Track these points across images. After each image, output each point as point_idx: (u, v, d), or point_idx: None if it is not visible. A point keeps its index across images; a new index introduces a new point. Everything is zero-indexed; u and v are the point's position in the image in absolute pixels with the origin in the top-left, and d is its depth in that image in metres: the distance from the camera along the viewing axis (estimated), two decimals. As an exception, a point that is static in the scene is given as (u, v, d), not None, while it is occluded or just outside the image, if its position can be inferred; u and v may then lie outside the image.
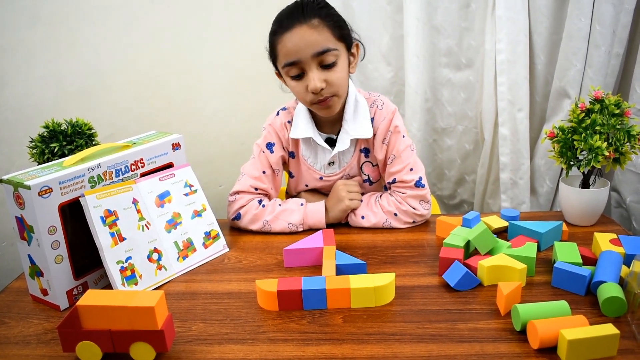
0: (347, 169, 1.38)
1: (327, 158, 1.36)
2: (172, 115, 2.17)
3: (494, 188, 2.11)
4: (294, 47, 1.18)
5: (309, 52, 1.18)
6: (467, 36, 2.00)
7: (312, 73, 1.20)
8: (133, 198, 1.12)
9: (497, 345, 0.86)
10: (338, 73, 1.22)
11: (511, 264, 1.02)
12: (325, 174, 1.38)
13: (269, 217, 1.32)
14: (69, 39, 1.97)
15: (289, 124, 1.37)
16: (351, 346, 0.88)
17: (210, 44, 2.12)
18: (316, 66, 1.20)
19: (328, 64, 1.20)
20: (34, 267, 1.04)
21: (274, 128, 1.37)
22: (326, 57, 1.19)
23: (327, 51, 1.19)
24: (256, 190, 1.34)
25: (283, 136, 1.37)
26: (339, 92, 1.25)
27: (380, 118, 1.33)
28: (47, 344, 0.93)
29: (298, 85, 1.23)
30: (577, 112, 1.23)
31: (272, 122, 1.39)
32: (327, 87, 1.22)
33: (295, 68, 1.21)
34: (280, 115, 1.39)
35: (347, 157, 1.37)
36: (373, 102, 1.35)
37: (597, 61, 1.74)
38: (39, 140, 1.30)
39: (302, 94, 1.25)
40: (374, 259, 1.18)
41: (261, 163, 1.36)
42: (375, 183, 1.41)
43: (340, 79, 1.23)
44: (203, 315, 1.00)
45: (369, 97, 1.36)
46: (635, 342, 0.85)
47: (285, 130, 1.37)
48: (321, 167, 1.38)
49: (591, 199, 1.26)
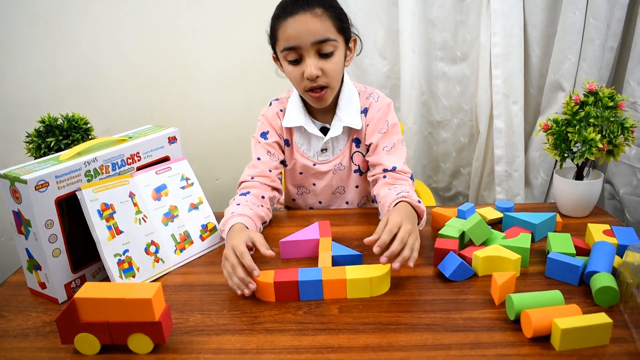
0: (341, 157, 1.39)
1: (320, 145, 1.37)
2: (168, 109, 2.17)
3: (489, 180, 2.12)
4: (295, 32, 1.19)
5: (309, 40, 1.19)
6: (462, 30, 2.00)
7: (310, 59, 1.21)
8: (130, 191, 1.13)
9: (491, 334, 0.87)
10: (334, 64, 1.24)
11: (505, 254, 1.03)
12: (319, 161, 1.39)
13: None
14: (65, 34, 1.97)
15: (281, 112, 1.39)
16: (347, 336, 0.89)
17: (206, 37, 2.12)
18: (314, 54, 1.21)
19: (326, 53, 1.22)
20: (31, 261, 1.05)
21: (266, 118, 1.40)
22: (325, 46, 1.21)
23: (327, 41, 1.20)
24: (252, 179, 1.35)
25: (276, 124, 1.39)
26: (332, 84, 1.26)
27: (375, 109, 1.34)
28: (46, 337, 0.94)
29: (294, 71, 1.24)
30: (571, 104, 1.24)
31: (265, 112, 1.41)
32: (322, 76, 1.23)
33: (293, 53, 1.22)
34: (272, 105, 1.41)
35: (340, 145, 1.38)
36: (369, 94, 1.36)
37: (591, 54, 1.75)
38: (35, 135, 1.30)
39: (297, 80, 1.26)
40: (370, 250, 1.17)
41: (257, 152, 1.38)
42: (364, 174, 1.42)
43: (336, 70, 1.25)
44: (200, 306, 1.00)
45: (364, 91, 1.37)
46: (627, 331, 0.86)
47: (278, 119, 1.39)
48: (314, 154, 1.39)
49: (585, 191, 1.27)
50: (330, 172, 1.40)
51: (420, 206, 1.15)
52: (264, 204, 1.32)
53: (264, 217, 1.30)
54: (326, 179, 1.42)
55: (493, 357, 0.82)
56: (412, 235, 1.02)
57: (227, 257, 1.04)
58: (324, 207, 1.48)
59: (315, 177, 1.43)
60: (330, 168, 1.40)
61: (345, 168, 1.40)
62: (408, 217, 1.08)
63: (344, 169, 1.40)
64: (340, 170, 1.41)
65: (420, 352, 0.84)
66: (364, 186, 1.44)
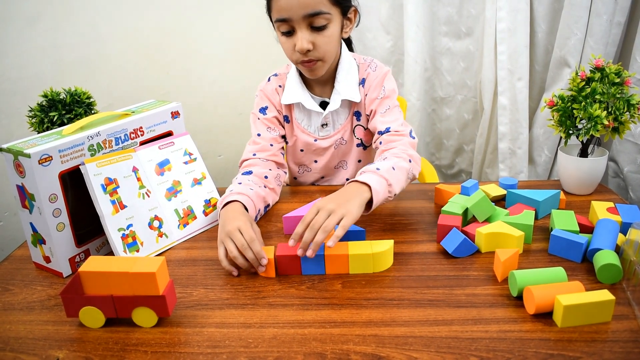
0: (342, 131, 1.38)
1: (320, 120, 1.36)
2: (170, 84, 2.16)
3: (493, 157, 2.12)
4: (287, 5, 1.17)
5: (301, 13, 1.17)
6: (467, 4, 1.98)
7: (301, 33, 1.19)
8: (133, 166, 1.13)
9: (493, 310, 0.88)
10: (327, 37, 1.22)
11: (509, 231, 1.03)
12: (320, 136, 1.39)
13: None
14: (67, 9, 1.95)
15: (280, 88, 1.38)
16: (350, 311, 0.89)
17: (209, 13, 2.10)
18: (306, 27, 1.20)
19: (318, 26, 1.20)
20: (36, 235, 1.05)
21: (265, 93, 1.38)
22: (317, 19, 1.19)
23: (319, 14, 1.18)
24: (254, 155, 1.34)
25: (275, 100, 1.38)
26: (325, 57, 1.24)
27: (373, 77, 1.33)
28: (51, 310, 0.95)
29: (287, 42, 1.23)
30: (577, 80, 1.23)
31: (263, 88, 1.39)
32: (314, 49, 1.21)
33: (285, 25, 1.20)
34: (271, 81, 1.39)
35: (340, 119, 1.37)
36: (367, 65, 1.35)
37: (598, 30, 1.73)
38: (38, 110, 1.30)
39: (289, 51, 1.25)
40: (373, 226, 1.19)
41: (257, 128, 1.37)
42: (368, 147, 1.42)
43: (328, 43, 1.23)
44: (204, 281, 1.01)
45: (363, 63, 1.36)
46: (630, 308, 0.86)
47: (277, 95, 1.38)
48: (315, 130, 1.38)
49: (589, 168, 1.26)
50: (332, 148, 1.40)
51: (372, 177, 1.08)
52: (267, 184, 1.29)
53: (266, 199, 1.26)
54: (327, 155, 1.41)
55: (495, 333, 0.82)
56: (332, 216, 0.98)
57: (233, 237, 1.03)
58: (327, 183, 1.48)
59: (316, 154, 1.42)
60: (331, 143, 1.39)
61: (346, 142, 1.40)
62: (342, 195, 1.05)
63: (345, 143, 1.40)
64: (342, 145, 1.40)
65: (422, 327, 0.84)
66: (368, 160, 1.43)
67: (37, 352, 0.83)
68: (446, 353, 0.78)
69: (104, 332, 0.87)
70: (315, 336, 0.83)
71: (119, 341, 0.85)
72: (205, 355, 0.81)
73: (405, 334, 0.83)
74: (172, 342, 0.84)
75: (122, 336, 0.86)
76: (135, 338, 0.85)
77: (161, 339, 0.85)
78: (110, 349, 0.83)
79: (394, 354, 0.79)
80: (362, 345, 0.81)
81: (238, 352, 0.81)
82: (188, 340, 0.84)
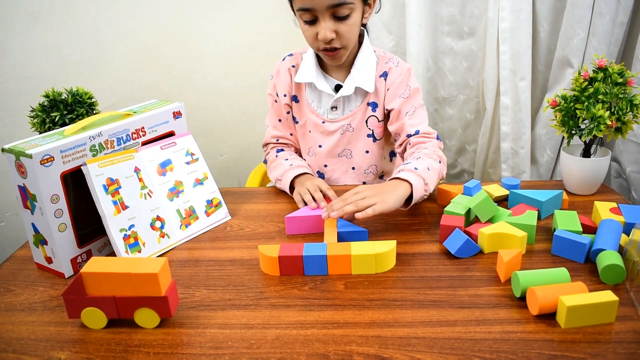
0: (351, 117, 1.38)
1: (330, 102, 1.37)
2: (172, 84, 2.16)
3: (495, 157, 2.11)
4: None
5: (325, 3, 1.18)
6: (470, 4, 1.97)
7: (325, 22, 1.20)
8: (135, 166, 1.13)
9: (496, 311, 0.87)
10: (349, 26, 1.23)
11: (511, 231, 1.03)
12: (328, 119, 1.39)
13: (271, 166, 1.41)
14: (69, 9, 1.95)
15: (293, 68, 1.40)
16: (353, 312, 0.89)
17: (210, 13, 2.10)
18: (329, 16, 1.20)
19: (342, 16, 1.21)
20: (38, 236, 1.05)
21: (277, 72, 1.42)
22: (341, 9, 1.20)
23: (343, 4, 1.19)
24: (277, 141, 1.38)
25: (286, 80, 1.40)
26: (348, 44, 1.26)
27: (396, 73, 1.35)
28: (53, 311, 0.94)
29: (309, 30, 1.24)
30: (579, 80, 1.23)
31: (278, 67, 1.43)
32: (337, 38, 1.23)
33: (308, 14, 1.21)
34: (286, 60, 1.42)
35: (351, 106, 1.38)
36: (389, 59, 1.37)
37: (601, 29, 1.73)
38: (40, 110, 1.29)
39: (311, 39, 1.26)
40: (376, 226, 1.18)
41: (276, 112, 1.43)
42: (378, 141, 1.42)
43: (350, 32, 1.24)
44: (206, 281, 1.01)
45: (383, 55, 1.38)
46: (633, 309, 0.86)
47: (288, 75, 1.40)
48: (324, 112, 1.39)
49: (592, 168, 1.26)
50: (338, 132, 1.40)
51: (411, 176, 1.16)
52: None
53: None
54: (333, 138, 1.41)
55: (498, 334, 0.82)
56: (367, 199, 1.10)
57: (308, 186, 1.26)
58: (331, 182, 1.47)
59: (323, 135, 1.42)
60: (337, 127, 1.40)
61: (354, 130, 1.40)
62: (382, 187, 1.14)
63: (352, 130, 1.40)
64: (349, 132, 1.40)
65: (425, 328, 0.84)
66: (376, 153, 1.43)
67: (39, 353, 0.83)
68: (449, 354, 0.78)
69: (106, 333, 0.87)
70: (318, 337, 0.83)
71: (121, 342, 0.85)
72: (208, 357, 0.80)
73: (408, 335, 0.83)
74: (175, 343, 0.84)
75: (124, 337, 0.86)
76: (138, 339, 0.85)
77: (163, 340, 0.85)
78: (113, 350, 0.83)
79: (397, 355, 0.79)
80: (365, 346, 0.81)
81: (241, 353, 0.81)
82: (190, 341, 0.84)
